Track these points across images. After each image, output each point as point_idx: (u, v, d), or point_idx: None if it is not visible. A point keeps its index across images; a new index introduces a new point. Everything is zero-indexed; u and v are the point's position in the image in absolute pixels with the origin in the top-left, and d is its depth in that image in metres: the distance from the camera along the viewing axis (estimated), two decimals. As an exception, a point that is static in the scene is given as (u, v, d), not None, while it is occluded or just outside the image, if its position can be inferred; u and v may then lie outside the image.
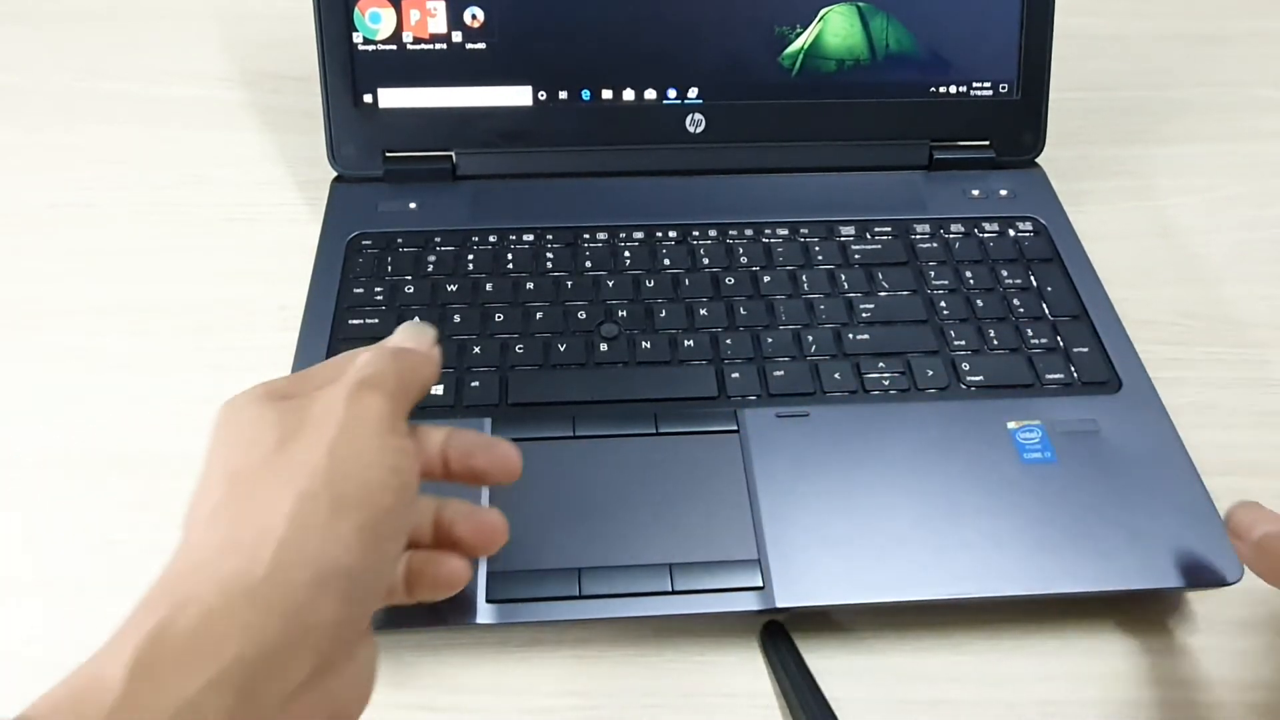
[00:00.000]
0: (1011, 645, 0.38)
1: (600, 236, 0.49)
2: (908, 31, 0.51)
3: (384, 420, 0.28)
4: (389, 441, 0.28)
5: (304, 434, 0.27)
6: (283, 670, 0.24)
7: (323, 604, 0.25)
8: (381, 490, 0.27)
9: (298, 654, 0.25)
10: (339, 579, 0.26)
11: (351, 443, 0.27)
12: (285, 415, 0.28)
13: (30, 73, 0.62)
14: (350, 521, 0.26)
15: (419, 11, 0.49)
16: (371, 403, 0.28)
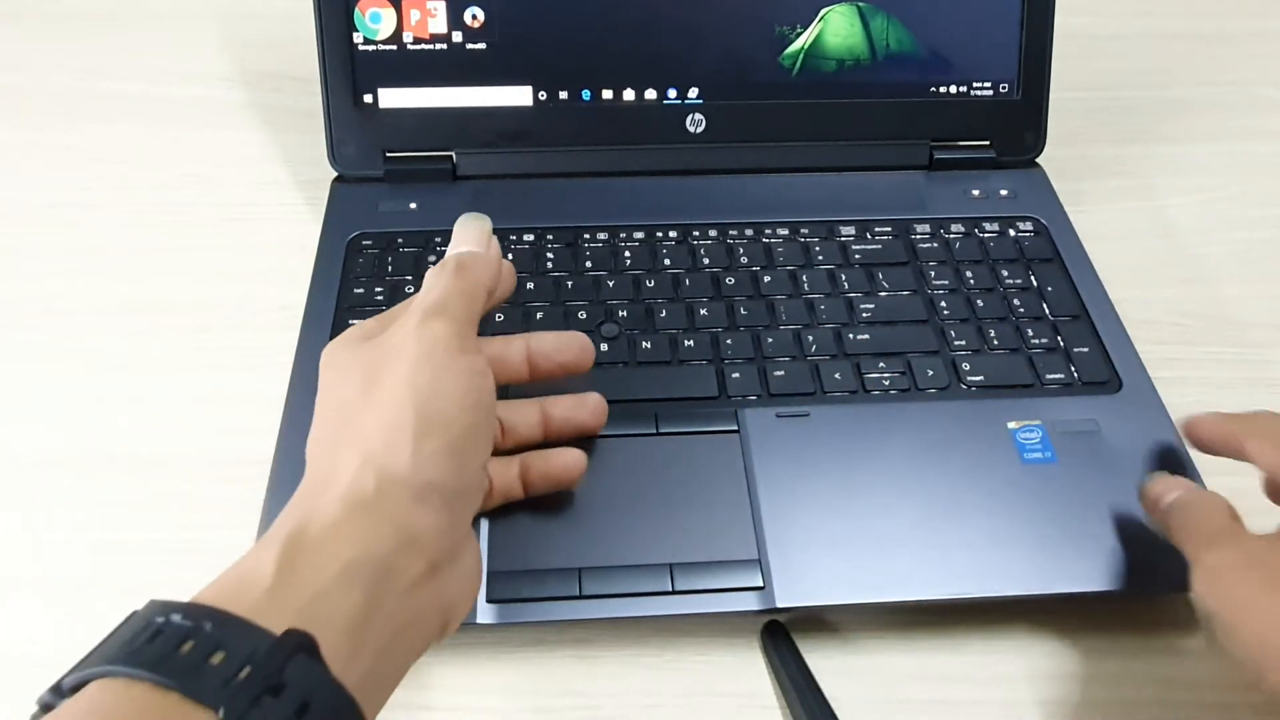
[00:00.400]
0: (1011, 645, 0.38)
1: (600, 236, 0.49)
2: (908, 31, 0.51)
3: (451, 344, 0.32)
4: (459, 362, 0.31)
5: (385, 369, 0.31)
6: (399, 569, 0.28)
7: (423, 515, 0.29)
8: (459, 411, 0.31)
9: (409, 556, 0.28)
10: (433, 493, 0.29)
11: (425, 371, 0.31)
12: (370, 353, 0.32)
13: (31, 72, 0.62)
14: (435, 442, 0.30)
15: (419, 11, 0.49)
16: (439, 329, 0.32)
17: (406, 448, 0.29)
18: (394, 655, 0.28)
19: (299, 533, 0.27)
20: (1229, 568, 0.32)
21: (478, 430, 0.32)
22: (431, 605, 0.29)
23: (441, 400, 0.30)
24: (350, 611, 0.26)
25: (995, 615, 0.38)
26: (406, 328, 0.32)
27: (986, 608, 0.38)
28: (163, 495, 0.41)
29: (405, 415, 0.30)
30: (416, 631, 0.29)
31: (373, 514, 0.28)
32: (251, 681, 0.23)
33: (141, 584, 0.37)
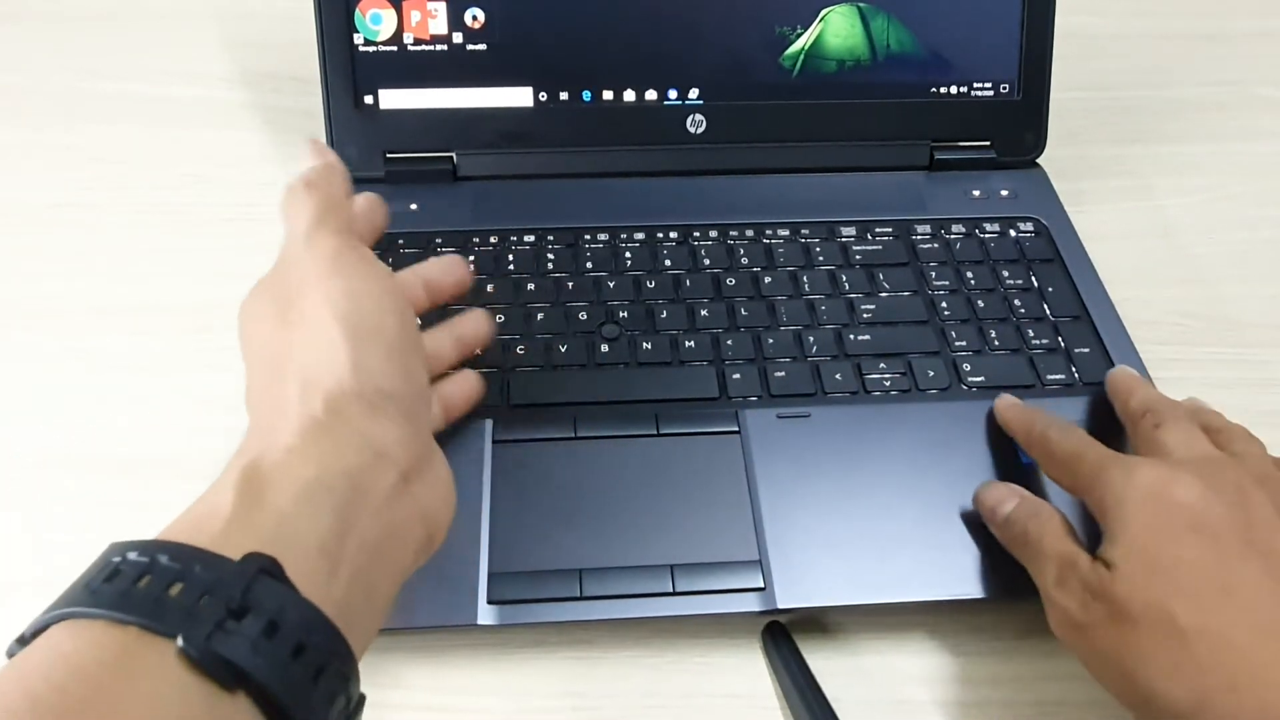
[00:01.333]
0: (1012, 646, 0.38)
1: (601, 237, 0.49)
2: (908, 32, 0.51)
3: (346, 252, 0.31)
4: (363, 268, 0.31)
5: (296, 296, 0.31)
6: (369, 484, 0.27)
7: (384, 425, 0.29)
8: (385, 314, 0.31)
9: (379, 469, 0.28)
10: (387, 401, 0.29)
11: (335, 283, 0.30)
12: (274, 289, 0.32)
13: (31, 73, 0.62)
14: (373, 349, 0.29)
15: (420, 13, 0.49)
16: (328, 242, 0.32)
17: (345, 362, 0.29)
18: (378, 573, 0.27)
19: (255, 465, 0.27)
20: (1080, 613, 0.32)
21: (408, 330, 0.32)
22: (410, 516, 0.29)
23: (364, 307, 0.30)
24: (321, 531, 0.26)
25: (996, 616, 0.38)
26: (297, 254, 0.32)
27: (988, 608, 0.38)
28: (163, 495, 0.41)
29: (333, 331, 0.29)
30: (399, 545, 0.28)
31: (330, 433, 0.28)
32: (211, 607, 0.22)
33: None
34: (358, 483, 0.27)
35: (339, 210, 0.34)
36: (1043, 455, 0.37)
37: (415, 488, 0.29)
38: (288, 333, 0.30)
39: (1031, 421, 0.38)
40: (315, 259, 0.31)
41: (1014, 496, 0.36)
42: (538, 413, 0.42)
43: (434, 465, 0.31)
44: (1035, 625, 0.38)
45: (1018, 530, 0.35)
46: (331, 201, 0.34)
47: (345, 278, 0.31)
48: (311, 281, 0.31)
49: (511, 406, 0.42)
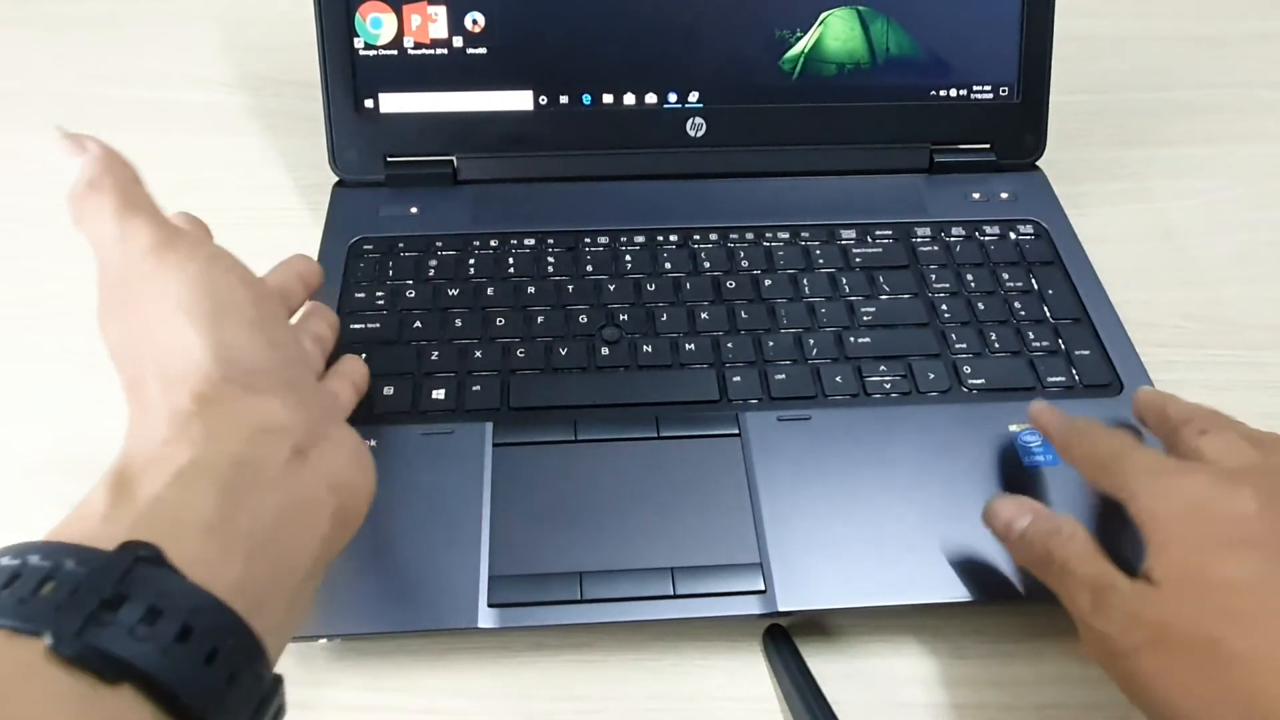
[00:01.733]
0: (1012, 649, 0.38)
1: (601, 240, 0.49)
2: (908, 35, 0.51)
3: (161, 238, 0.30)
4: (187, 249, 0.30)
5: (131, 301, 0.29)
6: (256, 460, 0.27)
7: (262, 401, 0.28)
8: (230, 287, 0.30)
9: (265, 444, 0.27)
10: (259, 376, 0.28)
11: (168, 271, 0.29)
12: (109, 298, 0.30)
13: (31, 77, 0.62)
14: (231, 326, 0.29)
15: (420, 17, 0.49)
16: (144, 236, 0.30)
17: (202, 349, 0.28)
18: (285, 548, 0.26)
19: (128, 462, 0.26)
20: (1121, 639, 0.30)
21: (263, 300, 0.31)
22: (314, 486, 0.28)
23: (207, 288, 0.29)
24: (204, 512, 0.25)
25: (997, 618, 0.38)
26: (117, 257, 0.30)
27: (989, 611, 0.38)
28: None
29: (179, 321, 0.28)
30: (307, 518, 0.27)
31: (202, 419, 0.27)
32: (82, 599, 0.21)
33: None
34: (242, 459, 0.26)
35: (138, 197, 0.31)
36: (1083, 454, 0.35)
37: (315, 456, 0.28)
38: (136, 334, 0.29)
39: (1071, 419, 0.37)
40: (139, 256, 0.29)
41: (1027, 511, 0.34)
42: (538, 415, 0.42)
43: (333, 431, 0.30)
44: (1036, 628, 0.38)
45: (1039, 550, 0.33)
46: (126, 191, 0.31)
47: (177, 266, 0.29)
48: (143, 279, 0.29)
49: (512, 409, 0.42)
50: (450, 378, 0.43)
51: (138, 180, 0.32)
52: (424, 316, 0.45)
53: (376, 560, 0.36)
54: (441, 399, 0.42)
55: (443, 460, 0.40)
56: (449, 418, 0.41)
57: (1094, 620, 0.31)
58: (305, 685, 0.37)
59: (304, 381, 0.31)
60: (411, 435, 0.40)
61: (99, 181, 0.31)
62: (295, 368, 0.30)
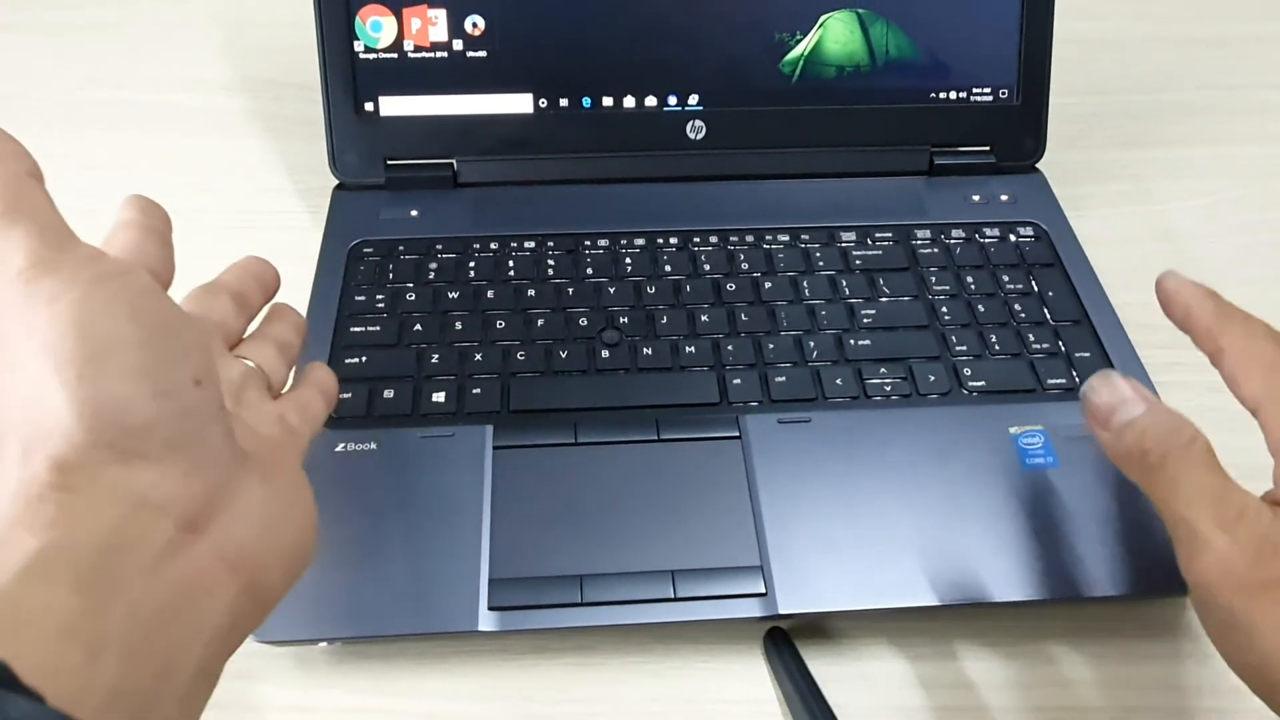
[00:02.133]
0: (1013, 651, 0.38)
1: (601, 243, 0.49)
2: (907, 37, 0.51)
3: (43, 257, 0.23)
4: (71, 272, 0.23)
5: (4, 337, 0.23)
6: (131, 543, 0.22)
7: (139, 470, 0.23)
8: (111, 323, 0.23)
9: (142, 522, 0.23)
10: (140, 437, 0.23)
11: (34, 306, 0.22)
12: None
13: (32, 80, 0.62)
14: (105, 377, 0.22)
15: (420, 20, 0.49)
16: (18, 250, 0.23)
17: (67, 403, 0.22)
18: (171, 643, 0.22)
19: None
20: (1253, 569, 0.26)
21: (161, 333, 0.24)
22: (205, 568, 0.23)
23: (84, 323, 0.22)
24: (61, 611, 0.20)
25: (998, 621, 0.38)
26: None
27: (989, 614, 0.38)
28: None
29: (42, 367, 0.22)
30: (196, 606, 0.23)
31: (61, 494, 0.22)
32: None
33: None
34: (110, 544, 0.22)
35: (25, 199, 0.23)
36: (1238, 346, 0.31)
37: (211, 532, 0.24)
38: (1, 384, 0.23)
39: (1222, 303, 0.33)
40: (8, 280, 0.23)
41: (1139, 400, 0.30)
42: (538, 418, 0.42)
43: (240, 497, 0.25)
44: (1037, 631, 0.38)
45: (1150, 443, 0.29)
46: (11, 190, 0.23)
47: (50, 296, 0.22)
48: (8, 311, 0.22)
49: (512, 412, 0.42)
50: (450, 381, 0.43)
51: (31, 174, 0.24)
52: (424, 319, 0.45)
53: (376, 563, 0.36)
54: (442, 402, 0.42)
55: (443, 463, 0.40)
56: (449, 421, 0.41)
57: (1222, 540, 0.27)
58: (305, 689, 0.37)
59: (203, 437, 0.24)
60: (412, 438, 0.40)
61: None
62: (191, 421, 0.24)
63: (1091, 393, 0.32)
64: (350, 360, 0.43)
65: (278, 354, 0.33)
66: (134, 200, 0.31)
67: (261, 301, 0.35)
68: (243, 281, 0.34)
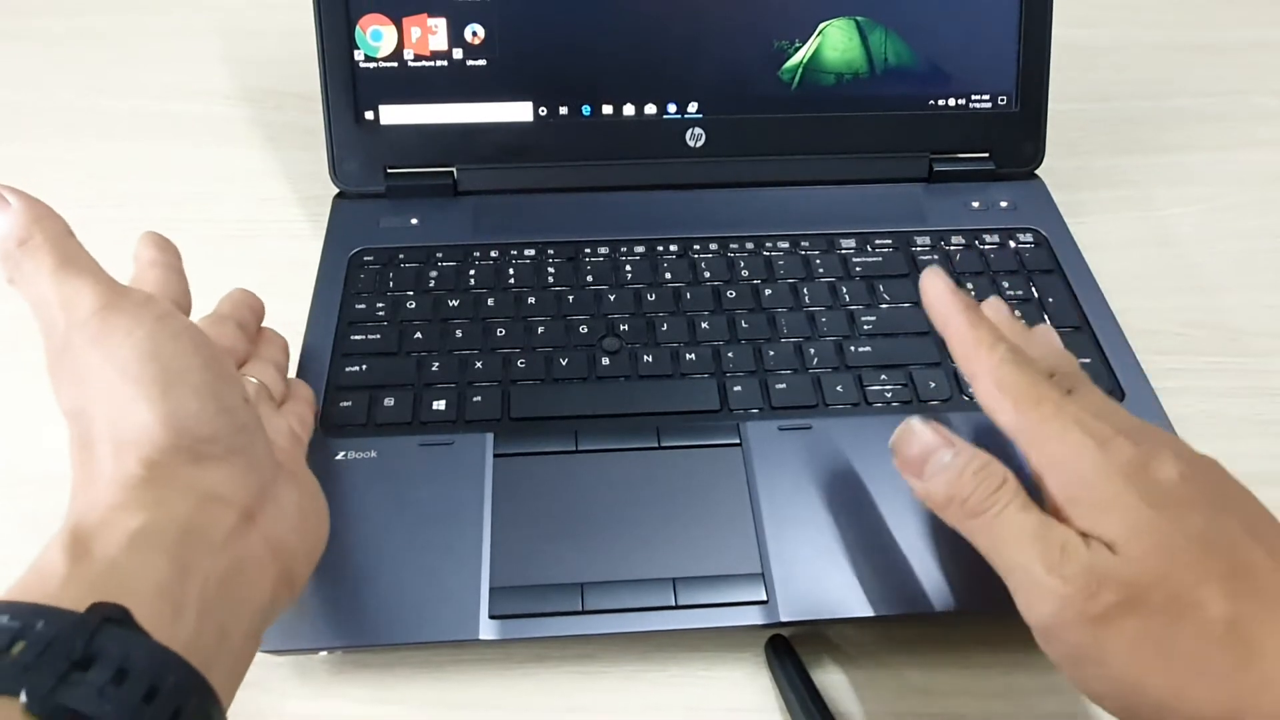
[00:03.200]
0: (1016, 659, 0.38)
1: (601, 251, 0.49)
2: (906, 45, 0.51)
3: (108, 302, 0.29)
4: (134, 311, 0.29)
5: (80, 371, 0.29)
6: (204, 527, 0.27)
7: (209, 470, 0.28)
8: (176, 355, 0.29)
9: (212, 512, 0.28)
10: (207, 444, 0.28)
11: (114, 337, 0.28)
12: (58, 365, 0.29)
13: (34, 89, 0.62)
14: (177, 394, 0.28)
15: (420, 29, 0.50)
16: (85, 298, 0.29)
17: (151, 418, 0.28)
18: (229, 612, 0.27)
19: (80, 524, 0.26)
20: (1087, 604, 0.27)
21: (214, 363, 0.30)
22: (257, 553, 0.29)
23: (154, 355, 0.28)
24: (157, 575, 0.25)
25: (1001, 628, 0.38)
26: (59, 322, 0.29)
27: (992, 621, 0.38)
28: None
29: (128, 391, 0.28)
30: (248, 584, 0.28)
31: (152, 487, 0.27)
32: (54, 659, 0.22)
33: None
34: (190, 526, 0.27)
35: (75, 254, 0.30)
36: (986, 376, 0.31)
37: (261, 523, 0.29)
38: (86, 399, 0.29)
39: (974, 323, 0.32)
40: (82, 321, 0.29)
41: (945, 444, 0.31)
42: (539, 426, 0.42)
43: (280, 496, 0.31)
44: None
45: (964, 491, 0.30)
46: (63, 248, 0.30)
47: (124, 331, 0.28)
48: (88, 346, 0.28)
49: (512, 420, 0.42)
50: (451, 388, 0.43)
51: (70, 234, 0.30)
52: (424, 327, 0.45)
53: (377, 572, 0.36)
54: (442, 410, 0.42)
55: (443, 471, 0.40)
56: (449, 429, 0.41)
57: (1052, 580, 0.28)
58: (306, 698, 0.36)
59: (253, 446, 0.30)
60: (412, 446, 0.40)
61: (30, 238, 0.29)
62: (245, 433, 0.30)
63: (900, 445, 0.32)
64: (350, 368, 0.43)
65: (276, 373, 0.38)
66: (152, 238, 0.37)
67: (256, 326, 0.40)
68: (239, 311, 0.39)
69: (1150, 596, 0.27)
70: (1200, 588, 0.27)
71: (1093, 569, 0.28)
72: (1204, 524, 0.28)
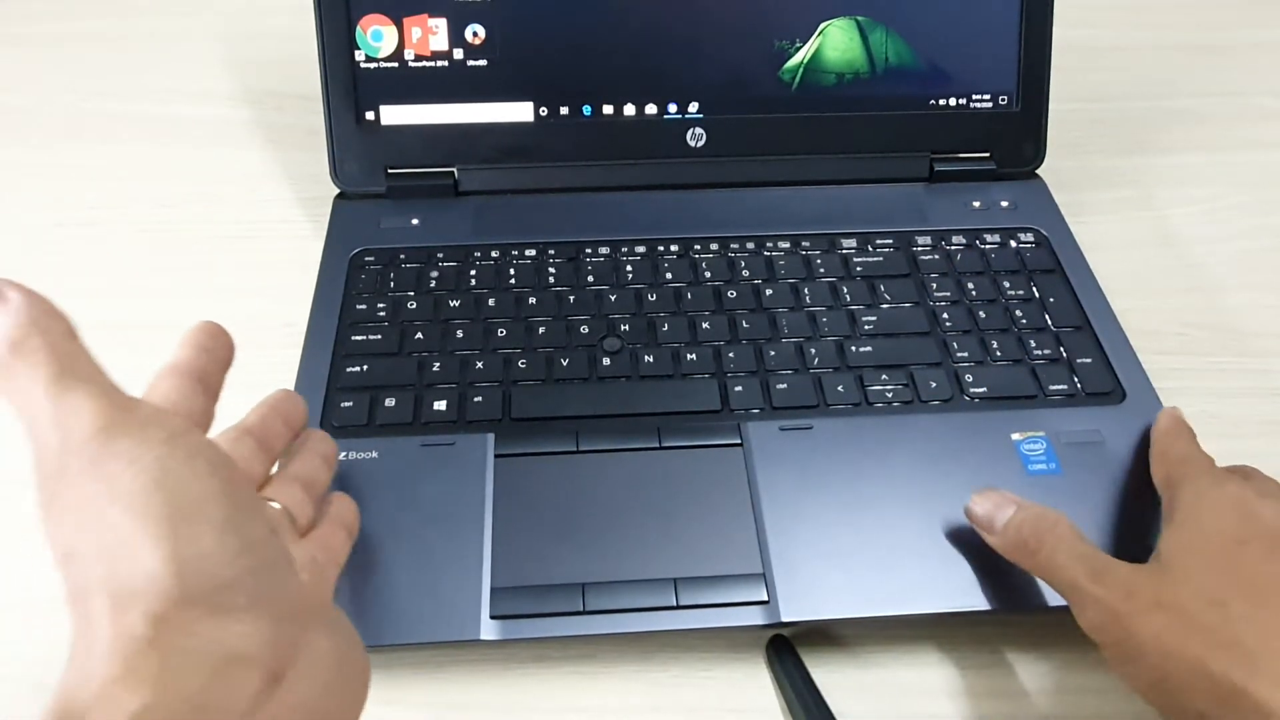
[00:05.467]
0: (1017, 659, 0.38)
1: (602, 251, 0.49)
2: (907, 45, 0.51)
3: (112, 420, 0.24)
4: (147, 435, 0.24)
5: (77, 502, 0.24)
6: (222, 699, 0.23)
7: (231, 624, 0.23)
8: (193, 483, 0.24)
9: (233, 677, 0.23)
10: (231, 593, 0.24)
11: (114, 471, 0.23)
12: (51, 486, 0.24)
13: (37, 93, 0.62)
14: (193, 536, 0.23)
15: (420, 29, 0.50)
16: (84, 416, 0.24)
17: (160, 564, 0.23)
18: None
19: (70, 705, 0.22)
20: (1123, 602, 0.32)
21: (235, 490, 0.25)
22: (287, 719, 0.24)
23: (162, 482, 0.23)
24: None
25: (1003, 628, 0.38)
26: (53, 444, 0.24)
27: (994, 620, 0.38)
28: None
29: (130, 526, 0.23)
30: None
31: (157, 651, 0.22)
32: None
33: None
34: (205, 703, 0.22)
35: (75, 362, 0.25)
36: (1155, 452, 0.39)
37: (290, 681, 0.24)
38: (80, 538, 0.24)
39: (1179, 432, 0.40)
40: (80, 442, 0.24)
41: (1010, 503, 0.36)
42: (540, 426, 0.42)
43: (311, 648, 0.25)
44: (1041, 638, 0.38)
45: (1026, 536, 0.35)
46: (61, 355, 0.25)
47: (128, 457, 0.24)
48: (85, 472, 0.23)
49: (513, 420, 0.42)
50: (452, 389, 0.43)
51: (73, 335, 0.26)
52: (425, 328, 0.45)
53: (378, 573, 0.36)
54: (443, 410, 0.42)
55: (444, 472, 0.40)
56: (450, 429, 0.41)
57: (1093, 587, 0.32)
58: (307, 698, 0.36)
59: (282, 590, 0.26)
60: (413, 447, 0.40)
61: (25, 342, 0.25)
62: (271, 574, 0.25)
63: (974, 507, 0.37)
64: (351, 369, 0.43)
65: (303, 493, 0.32)
66: (198, 334, 0.32)
67: (286, 441, 0.34)
68: (267, 423, 0.33)
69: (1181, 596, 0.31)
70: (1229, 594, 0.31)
71: (1130, 580, 0.32)
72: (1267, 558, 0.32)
